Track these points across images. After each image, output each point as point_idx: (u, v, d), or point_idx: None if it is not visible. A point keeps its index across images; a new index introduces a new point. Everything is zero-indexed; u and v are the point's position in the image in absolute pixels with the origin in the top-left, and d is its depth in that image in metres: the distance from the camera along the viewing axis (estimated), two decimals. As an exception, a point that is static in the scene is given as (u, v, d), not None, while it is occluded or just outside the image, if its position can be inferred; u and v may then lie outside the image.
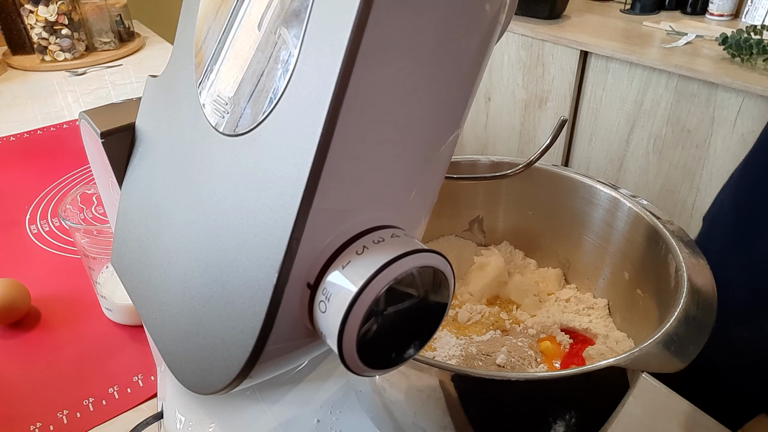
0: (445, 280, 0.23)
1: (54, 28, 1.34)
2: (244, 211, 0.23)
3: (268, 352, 0.22)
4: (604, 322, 0.49)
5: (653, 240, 0.43)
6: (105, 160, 0.33)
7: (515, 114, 1.68)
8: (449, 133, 0.25)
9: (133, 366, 0.55)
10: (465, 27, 0.22)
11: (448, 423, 0.35)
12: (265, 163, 0.22)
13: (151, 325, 0.29)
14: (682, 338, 0.32)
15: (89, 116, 0.33)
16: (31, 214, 0.81)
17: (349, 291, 0.20)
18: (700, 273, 0.37)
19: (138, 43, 1.52)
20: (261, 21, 0.23)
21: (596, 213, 0.49)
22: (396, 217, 0.24)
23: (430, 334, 0.24)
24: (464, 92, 0.25)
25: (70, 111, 1.17)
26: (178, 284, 0.27)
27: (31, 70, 1.38)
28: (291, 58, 0.21)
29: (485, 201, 0.56)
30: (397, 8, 0.19)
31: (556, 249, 0.54)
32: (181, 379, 0.26)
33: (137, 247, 0.31)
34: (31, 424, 0.49)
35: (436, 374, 0.33)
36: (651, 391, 0.49)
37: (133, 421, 0.48)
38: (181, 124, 0.28)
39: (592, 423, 0.37)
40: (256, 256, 0.22)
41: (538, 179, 0.52)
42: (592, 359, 0.45)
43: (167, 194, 0.29)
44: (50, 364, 0.56)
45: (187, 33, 0.29)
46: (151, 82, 0.32)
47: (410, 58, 0.21)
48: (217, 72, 0.26)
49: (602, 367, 0.31)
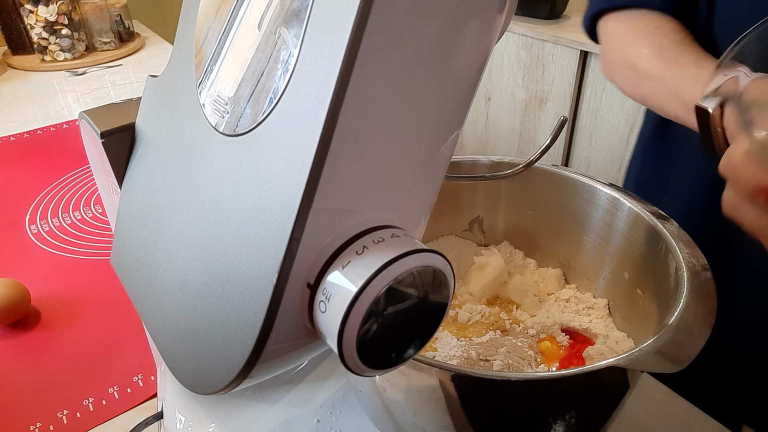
0: (445, 280, 0.23)
1: (54, 28, 1.34)
2: (244, 211, 0.23)
3: (268, 352, 0.22)
4: (604, 322, 0.49)
5: (653, 240, 0.43)
6: (105, 160, 0.33)
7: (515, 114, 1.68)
8: (449, 133, 0.25)
9: (133, 366, 0.55)
10: (465, 27, 0.22)
11: (448, 423, 0.35)
12: (265, 163, 0.22)
13: (151, 325, 0.29)
14: (682, 338, 0.32)
15: (89, 116, 0.33)
16: (31, 214, 0.81)
17: (349, 291, 0.20)
18: (700, 273, 0.37)
19: (138, 43, 1.52)
20: (261, 21, 0.23)
21: (596, 213, 0.49)
22: (396, 217, 0.24)
23: (430, 334, 0.24)
24: (464, 92, 0.25)
25: (70, 111, 1.17)
26: (178, 284, 0.27)
27: (31, 70, 1.38)
28: (291, 58, 0.21)
29: (485, 201, 0.56)
30: (396, 8, 0.19)
31: (556, 249, 0.54)
32: (181, 379, 0.26)
33: (137, 247, 0.31)
34: (31, 424, 0.49)
35: (436, 374, 0.33)
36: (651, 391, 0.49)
37: (133, 421, 0.48)
38: (181, 124, 0.28)
39: (592, 423, 0.37)
40: (256, 256, 0.22)
41: (538, 179, 0.52)
42: (592, 359, 0.45)
43: (167, 194, 0.29)
44: (50, 364, 0.56)
45: (187, 33, 0.29)
46: (151, 82, 0.32)
47: (410, 58, 0.21)
48: (217, 72, 0.26)
49: (602, 367, 0.31)
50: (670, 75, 0.51)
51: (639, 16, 0.57)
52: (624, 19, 0.58)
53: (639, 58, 0.54)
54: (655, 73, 0.52)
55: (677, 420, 0.47)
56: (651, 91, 0.53)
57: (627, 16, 0.58)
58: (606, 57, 0.60)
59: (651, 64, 0.53)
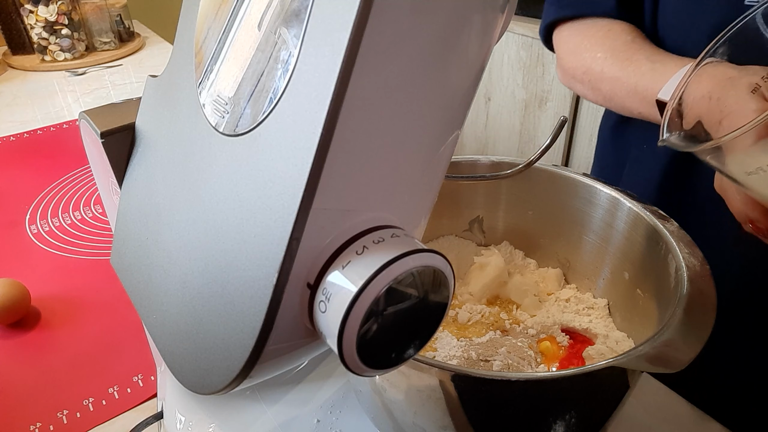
0: (445, 280, 0.23)
1: (54, 28, 1.34)
2: (244, 211, 0.23)
3: (268, 352, 0.22)
4: (604, 322, 0.49)
5: (653, 240, 0.43)
6: (105, 160, 0.33)
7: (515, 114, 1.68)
8: (449, 133, 0.25)
9: (133, 366, 0.55)
10: (465, 27, 0.22)
11: (448, 423, 0.35)
12: (265, 163, 0.22)
13: (151, 325, 0.29)
14: (681, 338, 0.32)
15: (89, 116, 0.33)
16: (31, 214, 0.81)
17: (349, 291, 0.20)
18: (700, 273, 0.37)
19: (138, 43, 1.52)
20: (261, 21, 0.23)
21: (596, 213, 0.49)
22: (396, 217, 0.24)
23: (430, 334, 0.24)
24: (464, 92, 0.25)
25: (70, 111, 1.17)
26: (178, 284, 0.27)
27: (31, 70, 1.38)
28: (291, 58, 0.21)
29: (485, 201, 0.56)
30: (396, 8, 0.19)
31: (556, 249, 0.54)
32: (181, 379, 0.26)
33: (137, 247, 0.31)
34: (31, 424, 0.49)
35: (436, 374, 0.33)
36: (651, 391, 0.49)
37: (133, 421, 0.48)
38: (181, 124, 0.28)
39: (592, 423, 0.37)
40: (256, 256, 0.22)
41: (538, 179, 0.52)
42: (592, 359, 0.45)
43: (167, 194, 0.29)
44: (50, 364, 0.56)
45: (187, 33, 0.29)
46: (151, 82, 0.32)
47: (410, 58, 0.21)
48: (217, 72, 0.26)
49: (602, 367, 0.31)
50: (625, 74, 0.52)
51: (590, 24, 0.59)
52: (576, 28, 0.61)
53: (594, 62, 0.56)
54: (611, 74, 0.54)
55: (677, 420, 0.47)
56: (610, 92, 0.55)
57: (579, 25, 0.61)
58: (562, 65, 0.62)
59: (606, 66, 0.55)
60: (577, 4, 0.61)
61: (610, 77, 0.54)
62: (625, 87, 0.52)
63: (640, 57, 0.52)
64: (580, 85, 0.60)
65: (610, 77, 0.54)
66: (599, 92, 0.57)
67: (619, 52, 0.54)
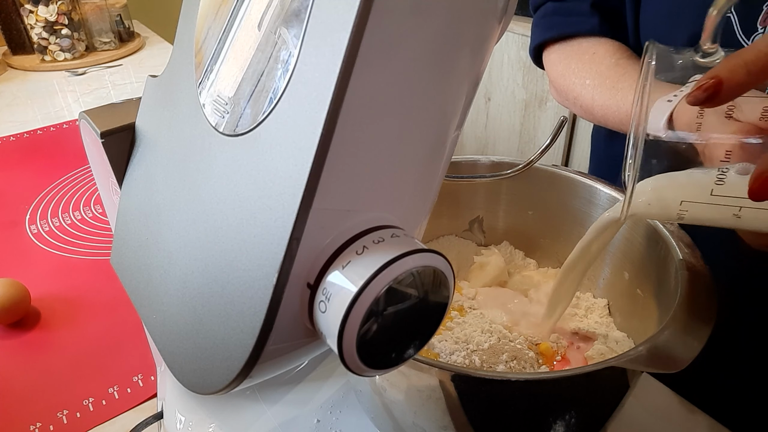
0: (445, 280, 0.23)
1: (54, 28, 1.34)
2: (244, 211, 0.23)
3: (268, 352, 0.22)
4: (604, 322, 0.49)
5: (653, 240, 0.43)
6: (105, 160, 0.33)
7: (515, 114, 1.68)
8: (449, 133, 0.25)
9: (133, 366, 0.55)
10: (465, 27, 0.22)
11: (448, 423, 0.35)
12: (265, 163, 0.22)
13: (151, 325, 0.29)
14: (681, 338, 0.32)
15: (89, 116, 0.33)
16: (31, 214, 0.81)
17: (349, 291, 0.20)
18: (700, 273, 0.37)
19: (138, 43, 1.52)
20: (261, 21, 0.23)
21: (596, 213, 0.49)
22: (396, 217, 0.24)
23: (430, 334, 0.24)
24: (464, 92, 0.25)
25: (70, 111, 1.17)
26: (178, 284, 0.27)
27: (31, 70, 1.38)
28: (291, 58, 0.21)
29: (485, 201, 0.56)
30: (397, 9, 0.19)
31: (556, 249, 0.54)
32: (181, 379, 0.26)
33: (137, 247, 0.31)
34: (31, 424, 0.49)
35: (436, 374, 0.33)
36: (651, 391, 0.49)
37: (133, 421, 0.48)
38: (181, 124, 0.28)
39: (592, 423, 0.37)
40: (256, 256, 0.22)
41: (538, 179, 0.52)
42: (592, 359, 0.45)
43: (167, 194, 0.29)
44: (50, 364, 0.56)
45: (187, 33, 0.29)
46: (151, 82, 0.32)
47: (410, 59, 0.21)
48: (217, 72, 0.26)
49: (602, 367, 0.31)
50: (614, 103, 0.53)
51: (576, 46, 0.60)
52: (563, 51, 0.61)
53: (584, 89, 0.57)
54: (600, 102, 0.55)
55: (677, 420, 0.47)
56: (603, 118, 0.56)
57: (565, 47, 0.61)
58: (554, 86, 0.63)
59: (596, 94, 0.55)
60: (561, 25, 0.61)
61: (601, 105, 0.55)
62: (617, 116, 0.53)
63: (624, 85, 0.53)
64: (573, 108, 0.61)
65: (601, 105, 0.55)
66: (592, 117, 0.58)
67: (605, 79, 0.55)
